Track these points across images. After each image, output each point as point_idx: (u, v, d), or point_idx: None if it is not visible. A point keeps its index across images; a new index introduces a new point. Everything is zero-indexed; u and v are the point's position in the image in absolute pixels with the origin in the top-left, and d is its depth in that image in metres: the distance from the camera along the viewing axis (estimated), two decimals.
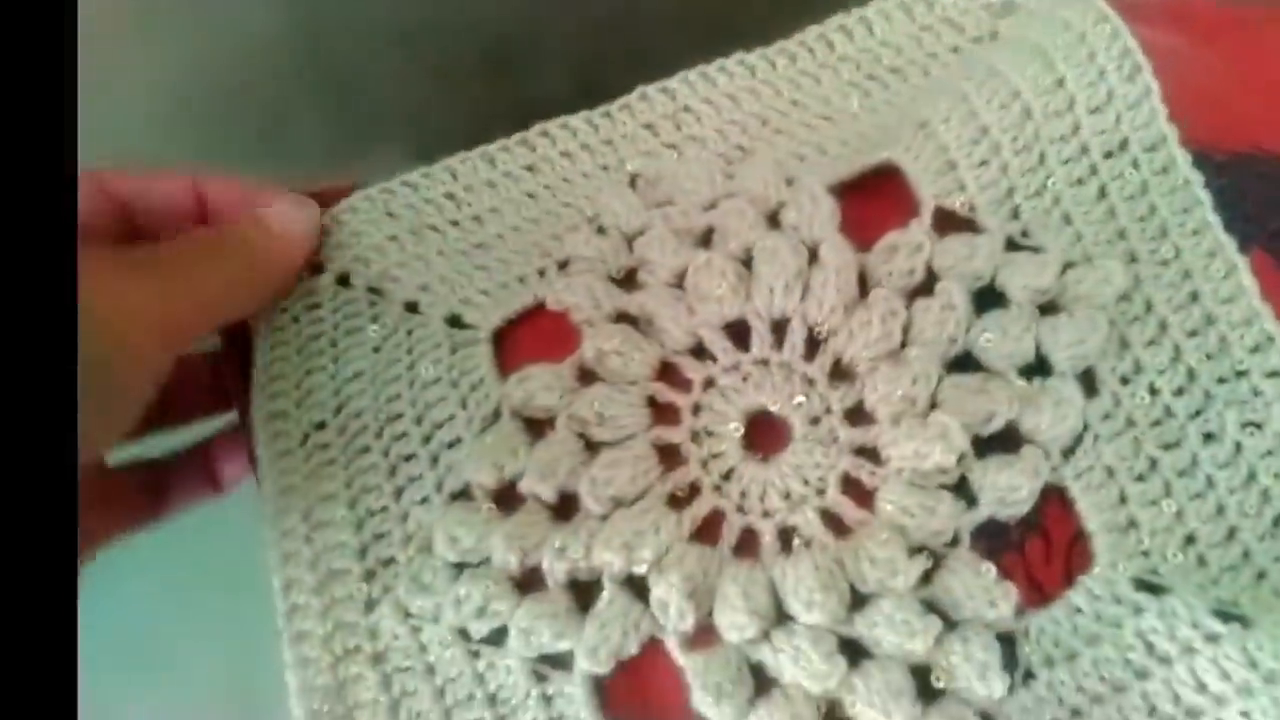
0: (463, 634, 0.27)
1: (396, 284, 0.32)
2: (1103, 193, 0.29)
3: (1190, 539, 0.26)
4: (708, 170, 0.31)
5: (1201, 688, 0.24)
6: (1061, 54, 0.30)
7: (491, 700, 0.27)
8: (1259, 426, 0.27)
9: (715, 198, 0.30)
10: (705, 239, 0.30)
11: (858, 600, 0.26)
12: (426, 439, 0.29)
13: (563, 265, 0.31)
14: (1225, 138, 0.29)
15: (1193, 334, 0.28)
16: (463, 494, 0.28)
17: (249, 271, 0.30)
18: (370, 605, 0.28)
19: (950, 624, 0.25)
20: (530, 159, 0.33)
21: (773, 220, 0.30)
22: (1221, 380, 0.27)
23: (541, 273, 0.31)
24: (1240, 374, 0.27)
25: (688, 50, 0.33)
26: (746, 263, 0.29)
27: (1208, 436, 0.27)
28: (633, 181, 0.32)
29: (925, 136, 0.30)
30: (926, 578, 0.26)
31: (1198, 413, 0.27)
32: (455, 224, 0.33)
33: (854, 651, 0.25)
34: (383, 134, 0.46)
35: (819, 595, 0.25)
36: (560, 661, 0.27)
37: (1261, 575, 0.26)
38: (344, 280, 0.32)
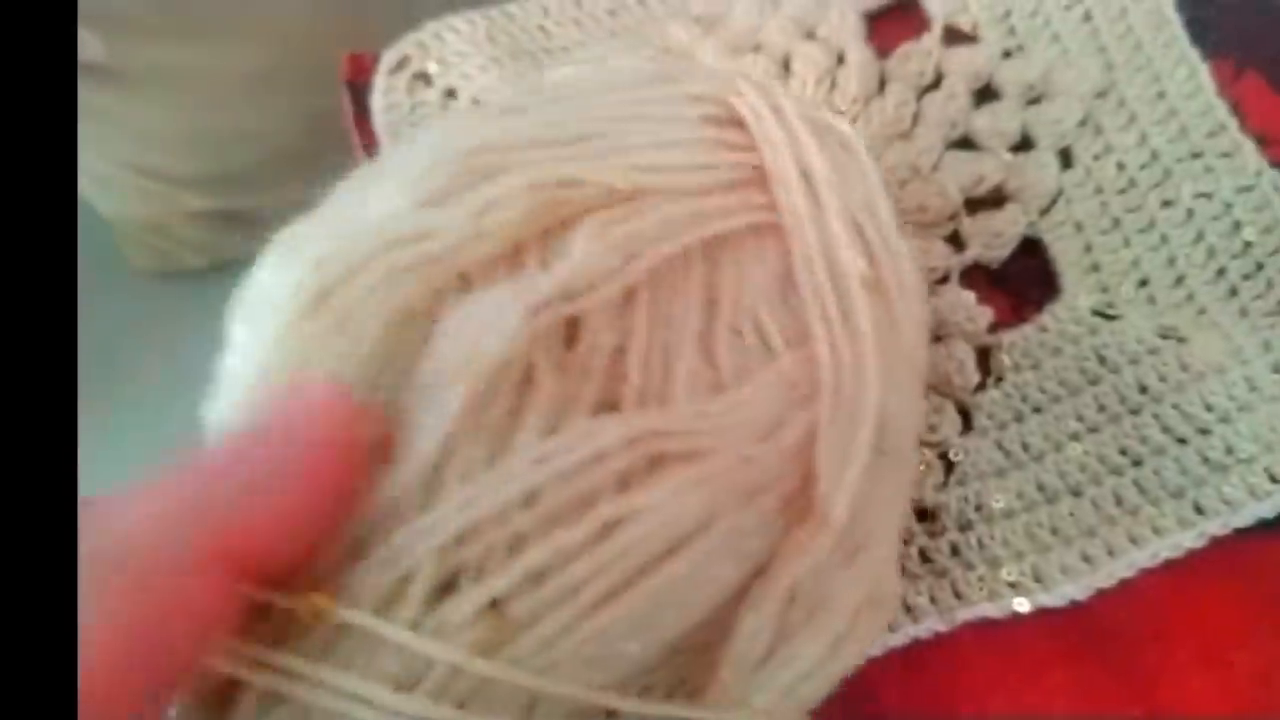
0: None
1: (499, 97, 0.39)
2: (1087, 15, 0.35)
3: (1144, 281, 0.31)
4: (758, 3, 0.37)
5: (1143, 389, 0.30)
6: None
7: None
8: (1209, 196, 0.32)
9: (764, 22, 0.37)
10: (754, 50, 0.36)
11: None
12: None
13: None
14: None
15: (1158, 123, 0.33)
16: None
17: None
18: None
19: (936, 339, 0.31)
20: (612, 4, 0.40)
21: (809, 35, 0.36)
22: (1180, 160, 0.32)
23: None
24: (1196, 155, 0.32)
25: None
26: (787, 67, 0.35)
27: (1166, 203, 0.32)
28: (697, 22, 0.39)
29: None
30: None
31: (1158, 184, 0.32)
32: (548, 52, 0.40)
33: None
34: None
35: None
36: None
37: (1202, 311, 0.31)
38: (451, 93, 0.40)
